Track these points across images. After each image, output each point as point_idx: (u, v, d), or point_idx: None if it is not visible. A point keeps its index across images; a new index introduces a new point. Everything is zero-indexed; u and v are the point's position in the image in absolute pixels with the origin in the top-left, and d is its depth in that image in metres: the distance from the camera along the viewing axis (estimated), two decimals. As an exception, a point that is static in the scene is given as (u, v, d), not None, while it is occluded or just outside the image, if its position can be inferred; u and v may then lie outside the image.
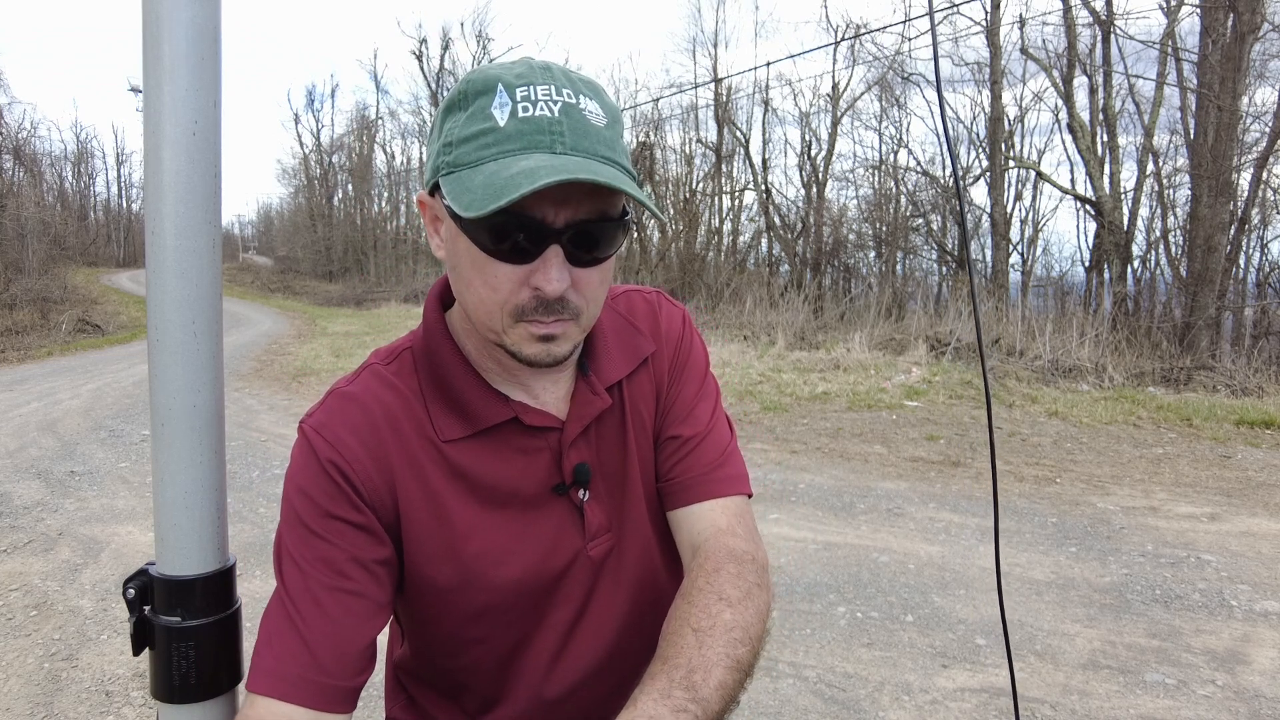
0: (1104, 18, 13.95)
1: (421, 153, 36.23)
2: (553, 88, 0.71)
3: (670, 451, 0.91)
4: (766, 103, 20.70)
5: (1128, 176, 15.20)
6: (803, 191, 20.67)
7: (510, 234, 0.70)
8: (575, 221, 0.71)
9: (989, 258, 15.57)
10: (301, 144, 54.58)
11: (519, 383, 0.85)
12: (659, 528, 0.93)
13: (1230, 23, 10.48)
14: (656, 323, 0.95)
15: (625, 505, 0.90)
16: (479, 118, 0.70)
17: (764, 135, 23.18)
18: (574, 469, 0.85)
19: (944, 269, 18.97)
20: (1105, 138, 14.87)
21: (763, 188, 20.47)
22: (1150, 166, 14.94)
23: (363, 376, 0.84)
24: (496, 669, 0.89)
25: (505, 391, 0.84)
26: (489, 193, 0.66)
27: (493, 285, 0.72)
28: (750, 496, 0.92)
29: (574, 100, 0.71)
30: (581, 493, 0.86)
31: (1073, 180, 18.21)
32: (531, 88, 0.70)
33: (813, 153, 20.18)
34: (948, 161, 18.92)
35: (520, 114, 0.69)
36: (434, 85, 32.62)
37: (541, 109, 0.69)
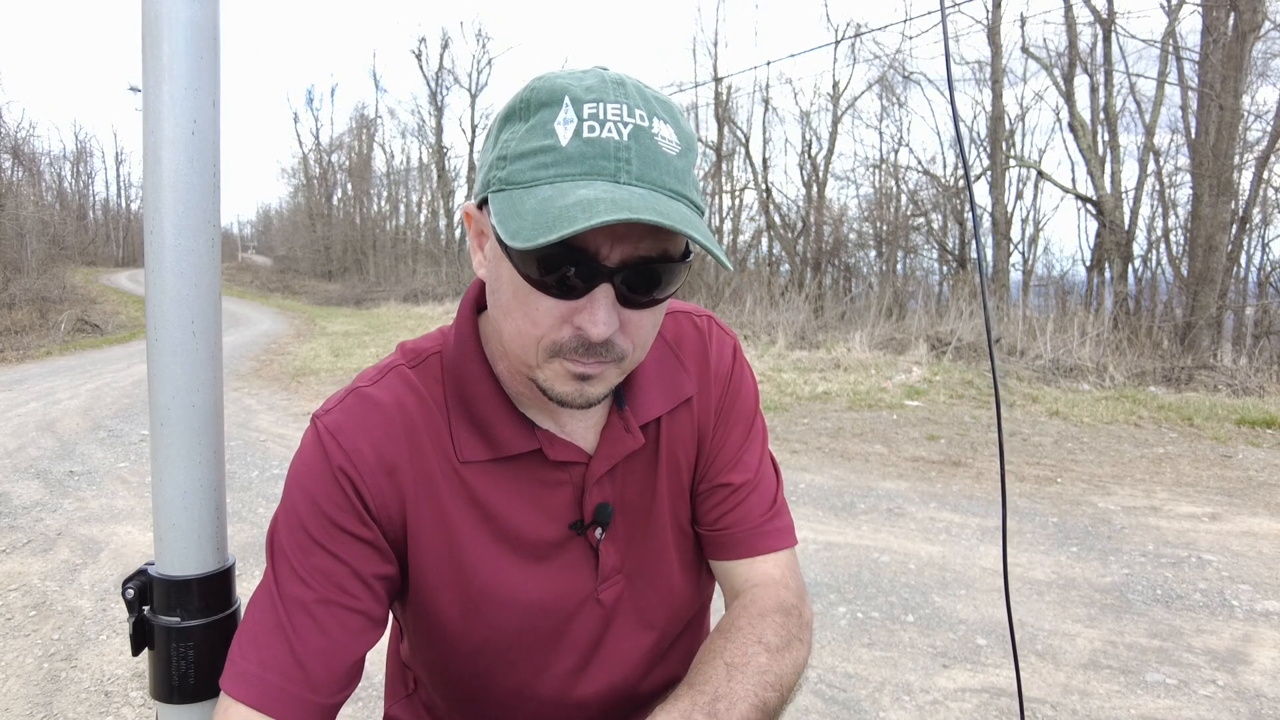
0: (1105, 16, 13.94)
1: (421, 153, 36.24)
2: (624, 107, 0.64)
3: (719, 500, 0.87)
4: (767, 101, 20.71)
5: (1129, 175, 15.21)
6: (803, 190, 20.68)
7: (558, 267, 0.64)
8: (632, 260, 0.65)
9: (990, 257, 15.56)
10: (301, 143, 54.68)
11: (548, 411, 0.80)
12: (688, 572, 0.90)
13: (1231, 21, 10.48)
14: (705, 358, 0.89)
15: (647, 548, 0.85)
16: (539, 132, 0.64)
17: (764, 134, 23.24)
18: (595, 508, 0.81)
19: (945, 268, 18.97)
20: (1106, 136, 14.88)
21: (763, 187, 20.47)
22: (1151, 165, 14.95)
23: (388, 378, 0.79)
24: (500, 703, 0.86)
25: (532, 418, 0.79)
26: (540, 222, 0.60)
27: (533, 318, 0.67)
28: (796, 544, 0.91)
29: (646, 123, 0.65)
30: (598, 532, 0.82)
31: (1074, 179, 18.22)
32: (601, 105, 0.64)
33: (813, 152, 20.18)
34: (953, 159, 18.92)
35: (585, 134, 0.63)
36: (433, 85, 32.65)
37: (609, 130, 0.63)
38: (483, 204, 0.70)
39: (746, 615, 0.80)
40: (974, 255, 17.24)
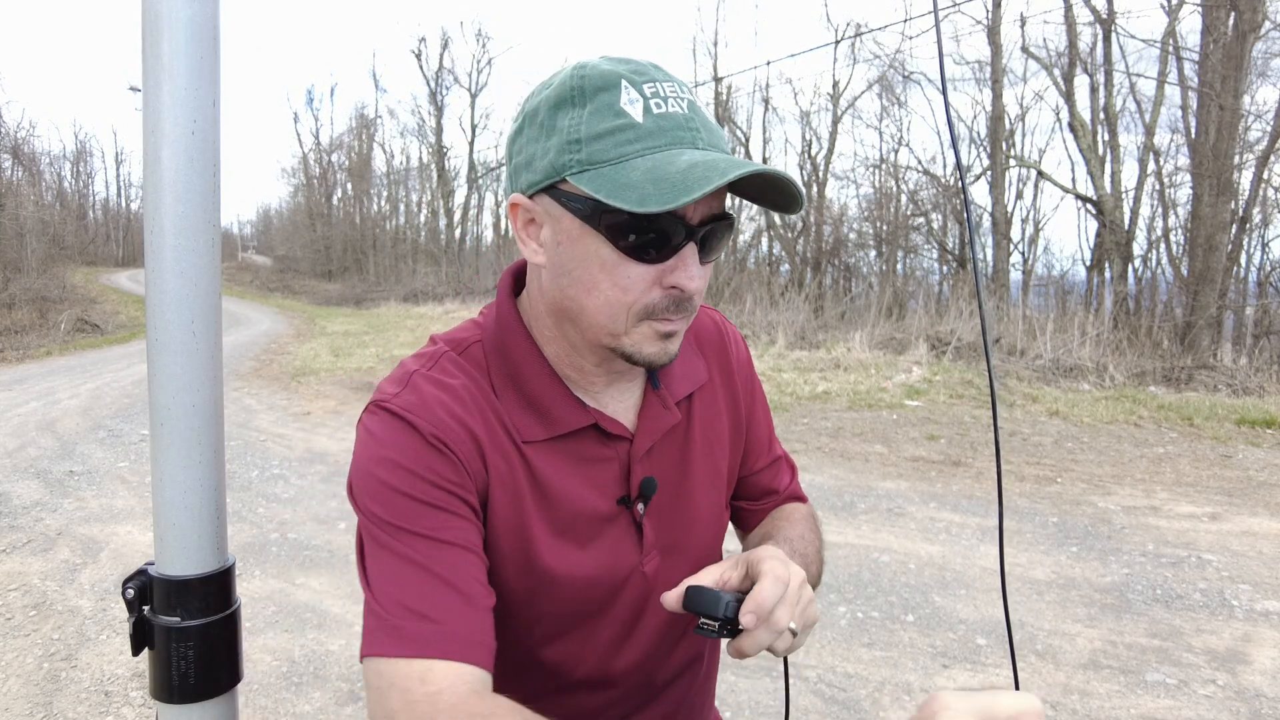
0: (1105, 16, 13.95)
1: (421, 152, 36.22)
2: (674, 84, 0.71)
3: (773, 475, 1.01)
4: (767, 101, 20.72)
5: (1129, 176, 15.21)
6: (803, 190, 20.68)
7: (652, 231, 0.69)
8: (709, 218, 0.71)
9: (990, 257, 15.57)
10: (301, 143, 54.72)
11: (591, 390, 0.82)
12: (714, 550, 0.94)
13: (1231, 21, 10.48)
14: (724, 347, 0.95)
15: (679, 523, 0.88)
16: (607, 113, 0.68)
17: (764, 134, 23.20)
18: (641, 483, 0.84)
19: (945, 268, 18.98)
20: (1106, 136, 14.88)
21: (763, 187, 20.45)
22: (1151, 165, 14.95)
23: (442, 363, 0.79)
24: (537, 679, 0.87)
25: (579, 396, 0.82)
26: (664, 187, 0.64)
27: (623, 286, 0.71)
28: None
29: (693, 97, 0.72)
30: (641, 507, 0.85)
31: (1074, 179, 18.21)
32: (657, 84, 0.70)
33: (813, 151, 20.19)
34: (951, 159, 18.93)
35: (655, 110, 0.68)
36: (433, 85, 32.63)
37: (674, 105, 0.69)
38: (537, 193, 0.72)
39: (799, 512, 0.98)
40: (973, 255, 17.23)
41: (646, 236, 0.69)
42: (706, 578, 0.72)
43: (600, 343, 0.75)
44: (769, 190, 0.72)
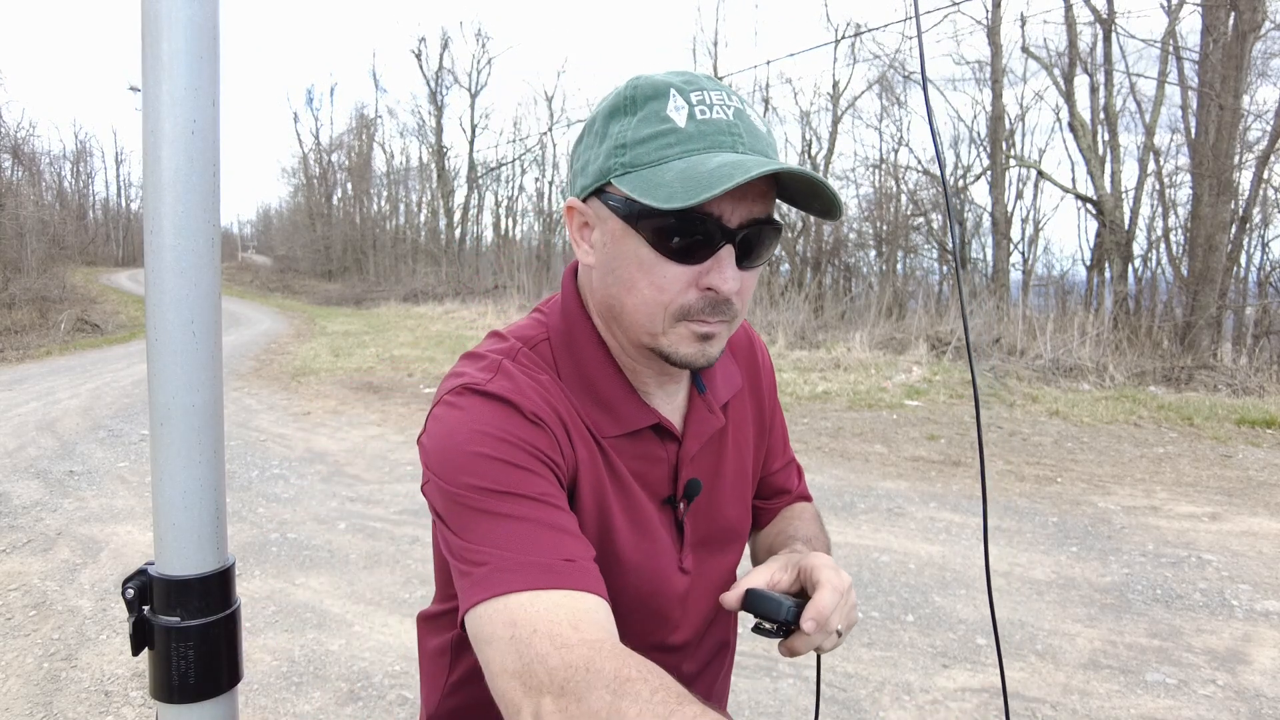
0: (1105, 16, 13.94)
1: (421, 152, 36.22)
2: (724, 93, 0.73)
3: (788, 475, 1.05)
4: (767, 101, 20.70)
5: (1129, 175, 15.21)
6: (837, 194, 20.69)
7: (691, 232, 0.70)
8: (749, 221, 0.72)
9: (990, 257, 15.58)
10: (301, 143, 54.70)
11: (645, 391, 0.84)
12: (740, 549, 0.97)
13: (1231, 21, 10.48)
14: (753, 352, 0.99)
15: (713, 521, 0.91)
16: (653, 120, 0.71)
17: (764, 134, 23.20)
18: (687, 483, 0.86)
19: (945, 268, 18.98)
20: (1106, 136, 14.87)
21: (763, 187, 20.44)
22: (1151, 165, 14.94)
23: (520, 358, 0.80)
24: None
25: (640, 395, 0.84)
26: (690, 185, 0.66)
27: (660, 286, 0.73)
28: None
29: (741, 106, 0.74)
30: (683, 506, 0.87)
31: (1074, 179, 18.21)
32: (705, 92, 0.72)
33: (813, 151, 20.18)
34: (950, 160, 18.93)
35: (698, 116, 0.71)
36: (433, 84, 32.63)
37: (718, 112, 0.71)
38: (589, 197, 0.76)
39: (808, 512, 1.02)
40: (972, 256, 17.25)
41: (687, 238, 0.70)
42: (759, 579, 0.75)
43: (641, 342, 0.78)
44: (812, 196, 0.74)
